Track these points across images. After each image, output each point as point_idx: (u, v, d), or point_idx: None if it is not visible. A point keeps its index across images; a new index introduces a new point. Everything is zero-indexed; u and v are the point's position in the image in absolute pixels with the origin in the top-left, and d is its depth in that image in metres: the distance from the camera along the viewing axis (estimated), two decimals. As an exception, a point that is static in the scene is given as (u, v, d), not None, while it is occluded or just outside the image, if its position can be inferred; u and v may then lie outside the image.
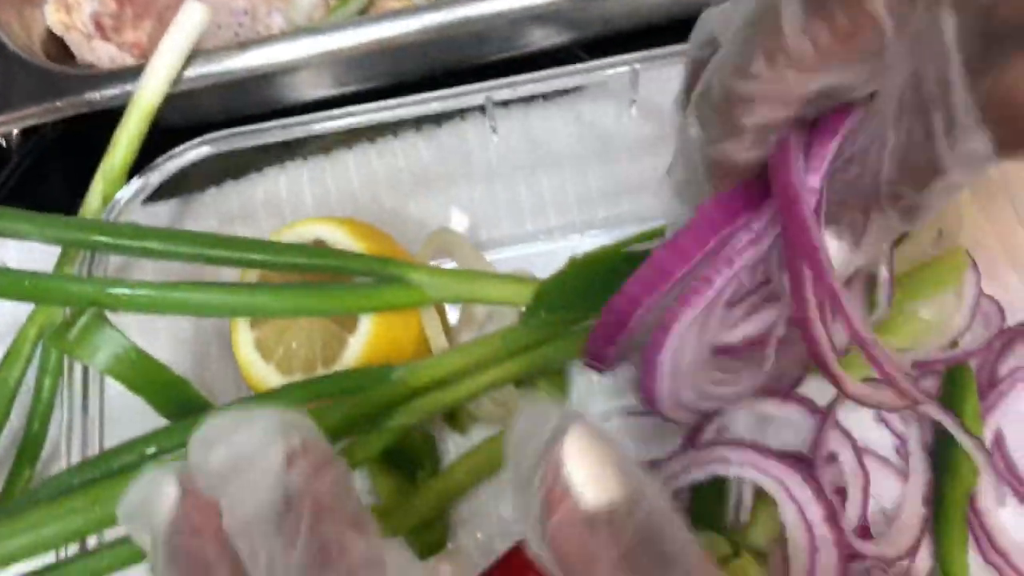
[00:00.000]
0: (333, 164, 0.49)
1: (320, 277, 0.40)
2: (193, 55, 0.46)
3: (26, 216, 0.38)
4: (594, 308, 0.32)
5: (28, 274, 0.36)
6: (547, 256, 0.45)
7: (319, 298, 0.38)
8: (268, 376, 0.39)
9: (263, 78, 0.47)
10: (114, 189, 0.43)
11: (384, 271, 0.40)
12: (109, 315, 0.36)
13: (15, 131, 0.49)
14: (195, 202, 0.50)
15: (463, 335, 0.43)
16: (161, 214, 0.49)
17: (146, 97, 0.44)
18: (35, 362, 0.42)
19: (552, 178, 0.48)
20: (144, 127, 0.44)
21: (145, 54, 0.51)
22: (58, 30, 0.52)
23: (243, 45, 0.46)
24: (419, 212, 0.48)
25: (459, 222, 0.47)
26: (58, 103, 0.45)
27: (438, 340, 0.41)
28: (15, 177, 0.52)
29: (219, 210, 0.49)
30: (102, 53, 0.51)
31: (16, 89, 0.46)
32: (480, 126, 0.45)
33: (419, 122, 0.48)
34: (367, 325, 0.39)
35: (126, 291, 0.36)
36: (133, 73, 0.45)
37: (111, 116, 0.46)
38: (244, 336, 0.40)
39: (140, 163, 0.44)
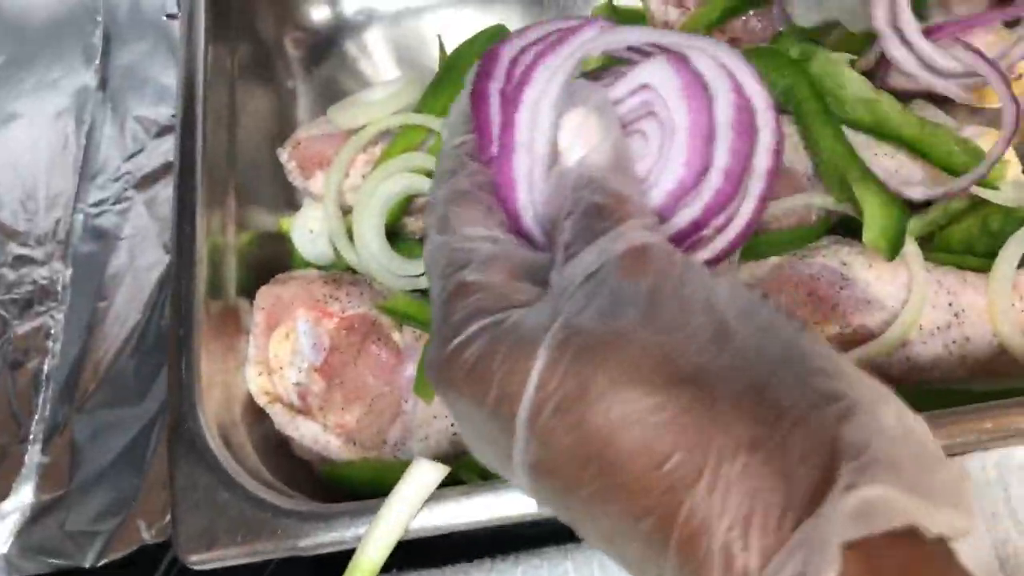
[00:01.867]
0: None
1: None
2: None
3: None
4: None
5: None
6: None
7: None
8: None
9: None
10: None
11: None
12: None
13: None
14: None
15: None
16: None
17: (370, 557, 0.39)
18: None
19: None
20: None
21: (351, 437, 0.46)
22: (260, 401, 0.47)
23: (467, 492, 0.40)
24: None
25: None
26: (269, 545, 0.41)
27: None
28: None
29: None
30: (305, 431, 0.47)
31: (222, 518, 0.41)
32: None
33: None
34: None
35: None
36: (352, 517, 0.41)
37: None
38: None
39: None
